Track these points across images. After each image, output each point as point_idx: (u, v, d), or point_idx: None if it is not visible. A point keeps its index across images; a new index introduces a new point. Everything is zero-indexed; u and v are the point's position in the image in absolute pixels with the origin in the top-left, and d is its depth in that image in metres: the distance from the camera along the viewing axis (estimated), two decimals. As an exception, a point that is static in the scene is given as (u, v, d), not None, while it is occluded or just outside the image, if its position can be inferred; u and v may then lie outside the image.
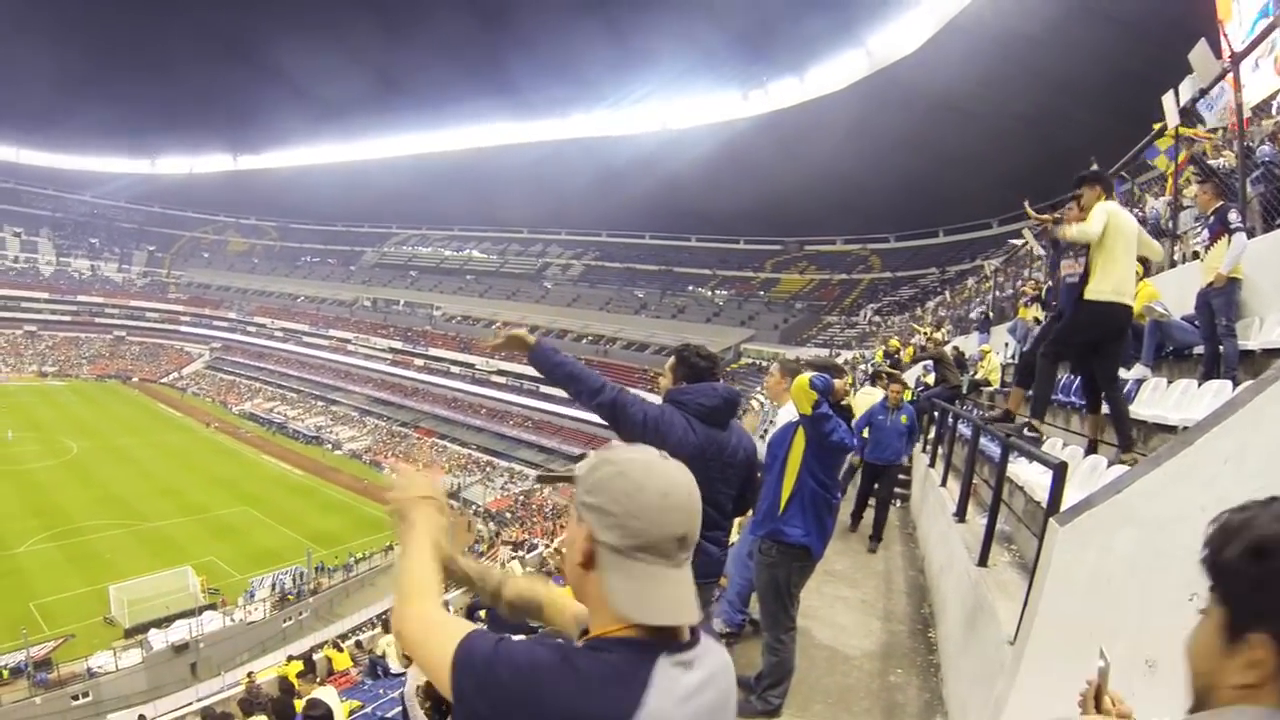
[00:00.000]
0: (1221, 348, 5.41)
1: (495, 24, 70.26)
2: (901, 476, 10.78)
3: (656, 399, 3.45)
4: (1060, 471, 3.30)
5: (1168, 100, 8.05)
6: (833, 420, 4.02)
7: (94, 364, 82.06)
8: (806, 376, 4.01)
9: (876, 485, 8.84)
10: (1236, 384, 4.97)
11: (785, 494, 4.16)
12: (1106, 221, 4.53)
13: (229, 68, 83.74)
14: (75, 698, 22.15)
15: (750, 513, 6.46)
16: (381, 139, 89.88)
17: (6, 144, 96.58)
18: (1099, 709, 1.76)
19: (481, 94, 76.67)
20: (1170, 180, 9.37)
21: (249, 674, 17.34)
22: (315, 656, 16.28)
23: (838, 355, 40.50)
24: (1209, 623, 1.13)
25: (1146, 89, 10.37)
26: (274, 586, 30.52)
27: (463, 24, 71.12)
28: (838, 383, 4.12)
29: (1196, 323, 5.86)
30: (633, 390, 3.26)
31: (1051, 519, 3.05)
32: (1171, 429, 4.82)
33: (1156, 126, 8.73)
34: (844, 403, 4.27)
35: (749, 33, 58.03)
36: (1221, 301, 5.43)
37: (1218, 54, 8.47)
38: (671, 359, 3.52)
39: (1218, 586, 1.11)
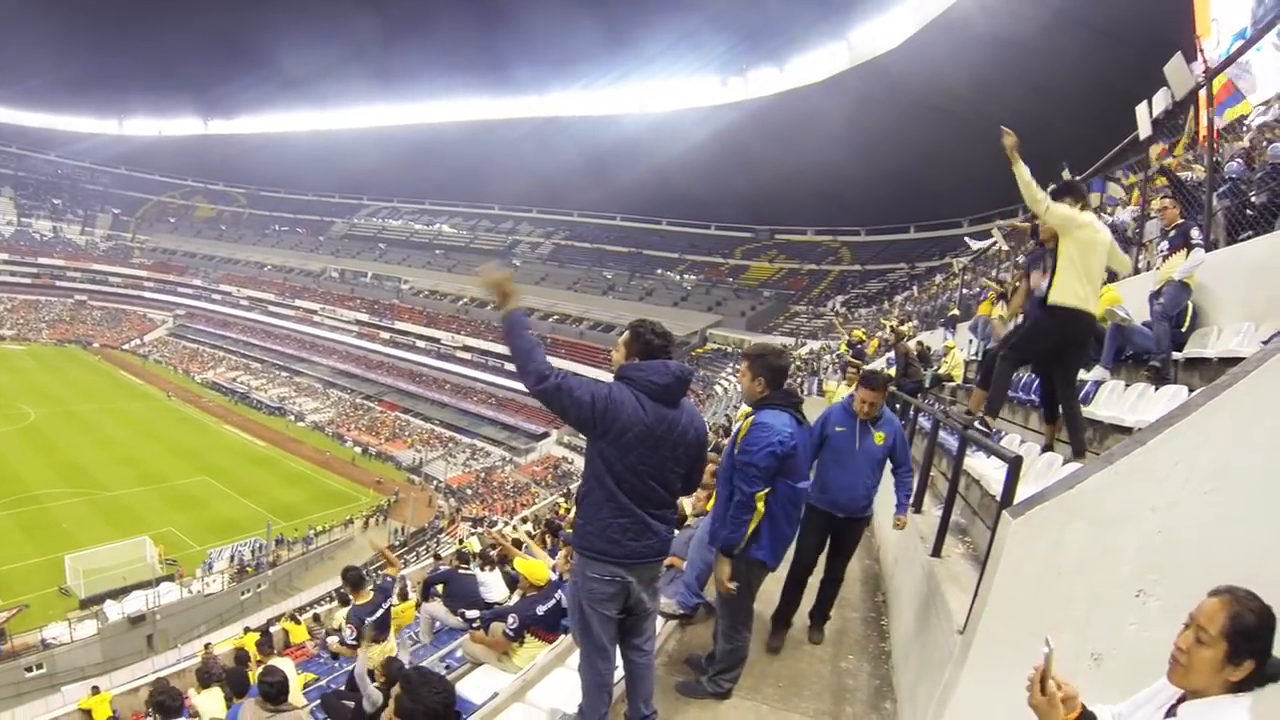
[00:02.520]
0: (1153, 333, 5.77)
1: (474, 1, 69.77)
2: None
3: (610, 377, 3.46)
4: (1015, 465, 3.35)
5: (1140, 111, 8.16)
6: (753, 467, 3.93)
7: (54, 328, 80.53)
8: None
9: (829, 553, 5.26)
10: (1163, 369, 5.17)
11: (751, 526, 4.00)
12: (1066, 216, 4.56)
13: (201, 29, 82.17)
14: (29, 669, 21.93)
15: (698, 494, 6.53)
16: (356, 109, 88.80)
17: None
18: (1044, 693, 1.87)
19: (458, 70, 76.05)
20: (1137, 191, 9.52)
21: (206, 645, 17.22)
22: (272, 629, 16.20)
23: (803, 345, 40.84)
24: (1212, 649, 1.81)
25: (1124, 99, 10.47)
26: (233, 558, 30.37)
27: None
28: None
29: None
30: (582, 373, 3.26)
31: (1004, 511, 3.10)
32: (1127, 430, 4.90)
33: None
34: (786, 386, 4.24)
35: (729, 19, 57.94)
36: (1168, 295, 5.80)
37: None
38: (626, 334, 3.51)
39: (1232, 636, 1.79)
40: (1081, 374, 5.93)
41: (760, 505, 3.90)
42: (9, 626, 23.46)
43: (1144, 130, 8.18)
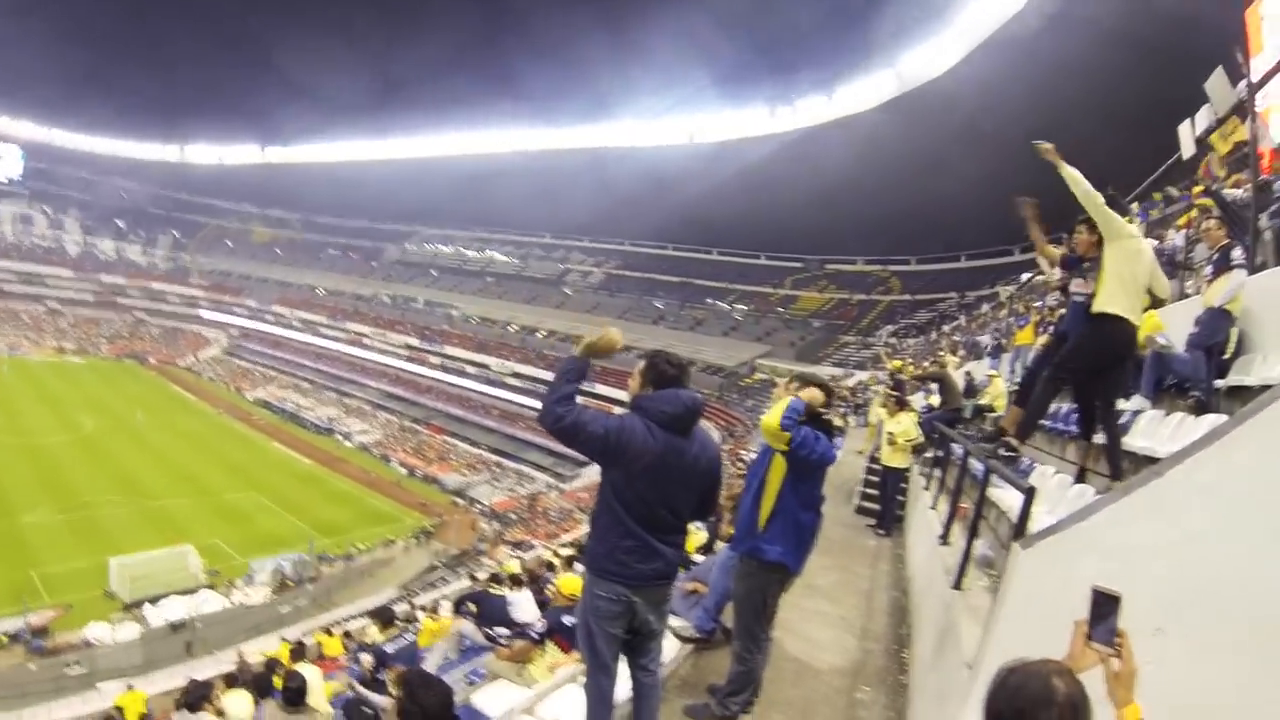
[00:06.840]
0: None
1: (515, 30, 71.19)
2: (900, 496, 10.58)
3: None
4: (1029, 495, 3.22)
5: (1183, 130, 7.96)
6: (809, 443, 4.04)
7: (113, 343, 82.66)
8: (775, 418, 4.05)
9: None
10: (1205, 399, 4.96)
11: (765, 513, 4.17)
12: (1115, 223, 4.42)
13: (258, 60, 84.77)
14: (69, 666, 22.34)
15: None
16: (409, 139, 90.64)
17: (40, 124, 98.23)
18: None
19: (509, 101, 77.76)
20: (1193, 212, 9.25)
21: (238, 653, 17.42)
22: (307, 641, 16.32)
23: (851, 375, 40.52)
24: None
25: (1175, 118, 10.19)
26: (274, 571, 30.70)
27: (490, 29, 72.24)
28: (806, 394, 4.15)
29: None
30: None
31: (1015, 543, 2.98)
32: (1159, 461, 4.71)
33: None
34: (823, 415, 4.23)
35: (777, 49, 58.09)
36: (1203, 323, 5.59)
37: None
38: (641, 364, 3.58)
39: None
40: (1121, 403, 5.73)
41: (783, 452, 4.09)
42: (53, 625, 24.14)
43: (1187, 149, 7.98)
